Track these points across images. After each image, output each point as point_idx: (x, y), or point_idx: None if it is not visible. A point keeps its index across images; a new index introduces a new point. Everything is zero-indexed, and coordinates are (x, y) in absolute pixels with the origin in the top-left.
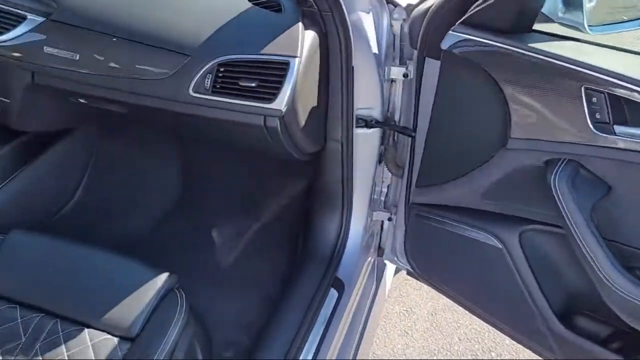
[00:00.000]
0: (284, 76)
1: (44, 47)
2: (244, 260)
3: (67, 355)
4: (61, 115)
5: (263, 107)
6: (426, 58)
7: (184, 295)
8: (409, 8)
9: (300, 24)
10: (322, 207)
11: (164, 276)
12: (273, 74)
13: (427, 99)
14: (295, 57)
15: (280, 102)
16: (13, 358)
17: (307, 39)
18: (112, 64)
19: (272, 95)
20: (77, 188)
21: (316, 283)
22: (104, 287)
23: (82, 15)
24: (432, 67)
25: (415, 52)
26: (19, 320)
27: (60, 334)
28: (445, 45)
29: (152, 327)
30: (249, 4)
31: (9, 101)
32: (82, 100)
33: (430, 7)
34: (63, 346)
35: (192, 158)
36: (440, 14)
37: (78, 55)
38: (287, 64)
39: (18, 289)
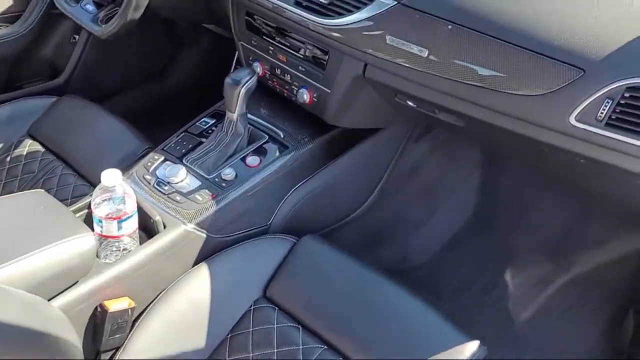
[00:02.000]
0: None
1: (387, 37)
2: (544, 320)
3: None
4: (379, 114)
5: None
6: None
7: None
8: None
9: None
10: None
11: (473, 345)
12: None
13: None
14: None
15: None
16: None
17: None
18: (479, 70)
19: None
20: (372, 192)
21: None
22: (398, 335)
23: (445, 4)
24: None
25: None
26: (300, 347)
27: None
28: None
29: None
30: None
31: (329, 91)
32: (410, 103)
33: None
34: None
35: (497, 177)
36: None
37: (427, 52)
38: None
39: (301, 306)
